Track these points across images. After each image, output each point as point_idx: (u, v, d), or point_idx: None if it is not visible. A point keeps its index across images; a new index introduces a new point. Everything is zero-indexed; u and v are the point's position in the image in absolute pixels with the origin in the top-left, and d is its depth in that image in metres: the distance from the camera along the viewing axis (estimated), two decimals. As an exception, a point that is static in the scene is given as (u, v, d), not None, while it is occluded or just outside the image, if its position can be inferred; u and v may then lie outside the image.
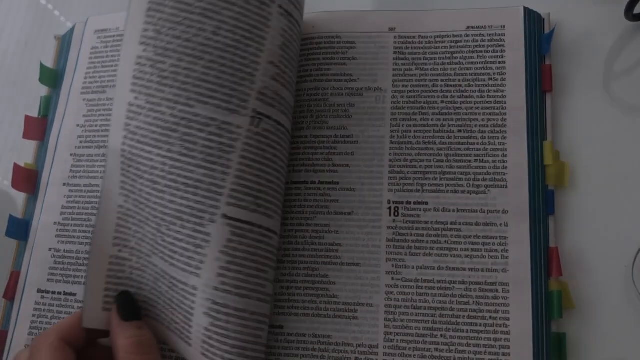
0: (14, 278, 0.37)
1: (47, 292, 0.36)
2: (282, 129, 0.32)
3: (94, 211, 0.37)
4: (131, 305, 0.31)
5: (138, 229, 0.31)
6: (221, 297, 0.29)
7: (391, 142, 0.35)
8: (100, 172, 0.38)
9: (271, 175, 0.31)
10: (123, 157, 0.31)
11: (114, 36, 0.41)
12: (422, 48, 0.37)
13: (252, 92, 0.30)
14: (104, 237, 0.31)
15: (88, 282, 0.31)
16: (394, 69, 0.37)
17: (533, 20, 0.36)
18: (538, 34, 0.36)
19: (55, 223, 0.38)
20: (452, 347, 0.31)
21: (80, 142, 0.39)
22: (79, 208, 0.38)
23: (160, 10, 0.31)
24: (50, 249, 0.37)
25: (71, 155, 0.39)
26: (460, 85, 0.36)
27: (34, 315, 0.36)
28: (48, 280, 0.36)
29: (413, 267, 0.33)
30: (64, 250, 0.37)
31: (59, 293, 0.36)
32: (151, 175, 0.30)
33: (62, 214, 0.38)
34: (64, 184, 0.38)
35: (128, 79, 0.31)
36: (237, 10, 0.31)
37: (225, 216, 0.29)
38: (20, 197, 0.40)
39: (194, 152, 0.30)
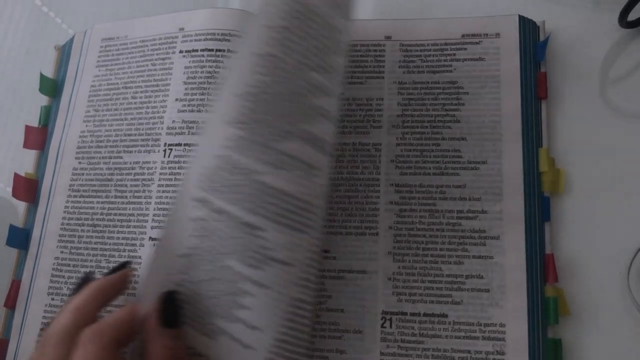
0: (15, 287, 0.38)
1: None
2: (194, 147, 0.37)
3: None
4: (175, 311, 0.27)
5: (71, 274, 0.37)
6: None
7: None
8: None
9: None
10: (65, 213, 0.38)
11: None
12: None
13: (162, 130, 0.37)
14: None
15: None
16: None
17: (528, 28, 0.36)
18: (533, 42, 0.36)
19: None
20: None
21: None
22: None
23: (96, 95, 0.40)
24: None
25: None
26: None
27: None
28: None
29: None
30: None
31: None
32: (92, 220, 0.37)
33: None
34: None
35: (73, 150, 0.39)
36: (147, 74, 0.39)
37: (151, 238, 0.35)
38: (21, 206, 0.40)
39: (125, 193, 0.37)
